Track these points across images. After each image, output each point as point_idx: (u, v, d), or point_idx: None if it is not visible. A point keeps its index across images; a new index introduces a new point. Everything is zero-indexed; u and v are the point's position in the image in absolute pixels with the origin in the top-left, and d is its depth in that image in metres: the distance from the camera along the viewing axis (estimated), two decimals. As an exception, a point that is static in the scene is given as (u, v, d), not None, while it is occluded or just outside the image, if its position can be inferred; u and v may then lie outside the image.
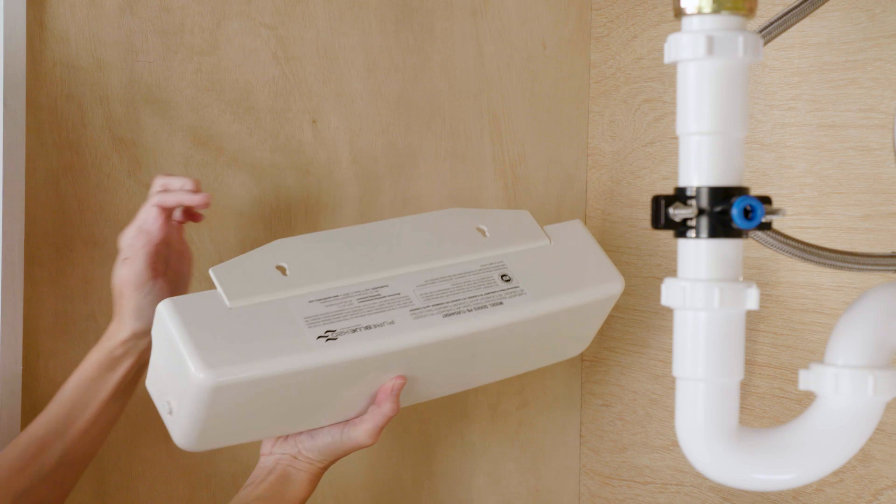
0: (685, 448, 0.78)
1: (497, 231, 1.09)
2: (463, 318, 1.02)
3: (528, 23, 1.34)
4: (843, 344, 0.79)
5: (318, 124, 1.23)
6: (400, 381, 1.01)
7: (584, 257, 1.12)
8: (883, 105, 1.01)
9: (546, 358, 1.18)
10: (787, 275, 1.11)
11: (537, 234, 1.10)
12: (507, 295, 1.05)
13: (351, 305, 0.99)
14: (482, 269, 1.06)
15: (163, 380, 0.97)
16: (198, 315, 0.93)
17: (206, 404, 0.93)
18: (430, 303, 1.02)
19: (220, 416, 0.95)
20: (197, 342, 0.91)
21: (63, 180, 1.11)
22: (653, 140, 1.29)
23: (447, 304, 1.02)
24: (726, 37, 0.74)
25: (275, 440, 1.04)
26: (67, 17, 1.10)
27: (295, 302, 0.97)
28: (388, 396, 1.00)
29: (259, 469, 1.03)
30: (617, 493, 1.36)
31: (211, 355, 0.91)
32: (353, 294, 1.00)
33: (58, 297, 1.11)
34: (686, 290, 0.75)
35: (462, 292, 1.04)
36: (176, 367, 0.93)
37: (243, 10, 1.18)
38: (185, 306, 0.93)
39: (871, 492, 1.04)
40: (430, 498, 1.33)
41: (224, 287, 0.95)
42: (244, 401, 0.95)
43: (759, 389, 1.14)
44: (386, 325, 0.99)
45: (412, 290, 1.02)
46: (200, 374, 0.90)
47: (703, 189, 0.75)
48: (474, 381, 1.15)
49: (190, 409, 0.94)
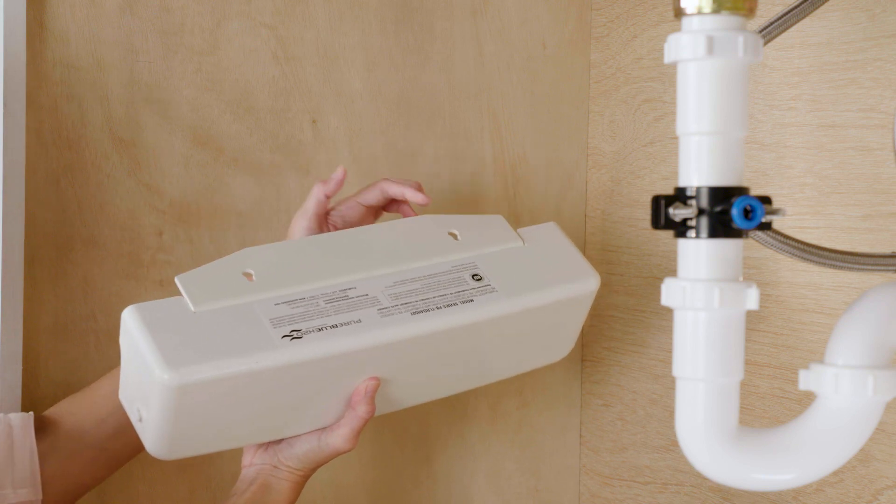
0: (685, 448, 0.78)
1: (469, 235, 1.08)
2: (432, 315, 1.00)
3: (528, 23, 1.34)
4: (843, 344, 0.79)
5: (318, 124, 1.23)
6: (373, 383, 0.99)
7: (558, 257, 1.11)
8: (883, 105, 1.01)
9: (528, 361, 1.15)
10: (787, 275, 1.11)
11: (510, 237, 1.09)
12: (477, 293, 1.03)
13: (317, 307, 0.98)
14: (453, 269, 1.05)
15: (132, 388, 0.96)
16: (162, 319, 0.92)
17: (173, 406, 0.91)
18: (399, 302, 1.01)
19: (189, 420, 0.94)
20: (160, 344, 0.91)
21: (63, 180, 1.11)
22: (653, 140, 1.29)
23: (416, 303, 1.01)
24: (726, 37, 0.74)
25: (255, 451, 1.03)
26: (67, 17, 1.10)
27: (260, 305, 0.96)
28: (363, 399, 0.99)
29: (240, 481, 1.02)
30: (617, 493, 1.36)
31: (174, 356, 0.90)
32: (319, 296, 0.98)
33: (58, 297, 1.11)
34: (686, 290, 0.75)
35: (431, 291, 1.02)
36: (142, 372, 0.92)
37: (243, 10, 1.18)
38: (148, 312, 0.93)
39: (871, 492, 1.04)
40: (430, 498, 1.33)
41: (189, 293, 0.94)
42: (212, 403, 0.94)
43: (760, 389, 1.14)
44: (353, 324, 0.97)
45: (380, 291, 1.01)
46: (165, 374, 0.89)
47: (704, 189, 0.75)
48: (454, 386, 1.13)
49: (157, 412, 0.92)
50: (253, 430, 1.00)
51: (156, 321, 0.92)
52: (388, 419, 1.23)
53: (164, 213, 1.15)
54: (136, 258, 1.14)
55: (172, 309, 0.93)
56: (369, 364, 0.99)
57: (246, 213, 1.19)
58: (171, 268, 1.15)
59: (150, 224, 1.15)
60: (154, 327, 0.92)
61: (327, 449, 1.00)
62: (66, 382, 1.12)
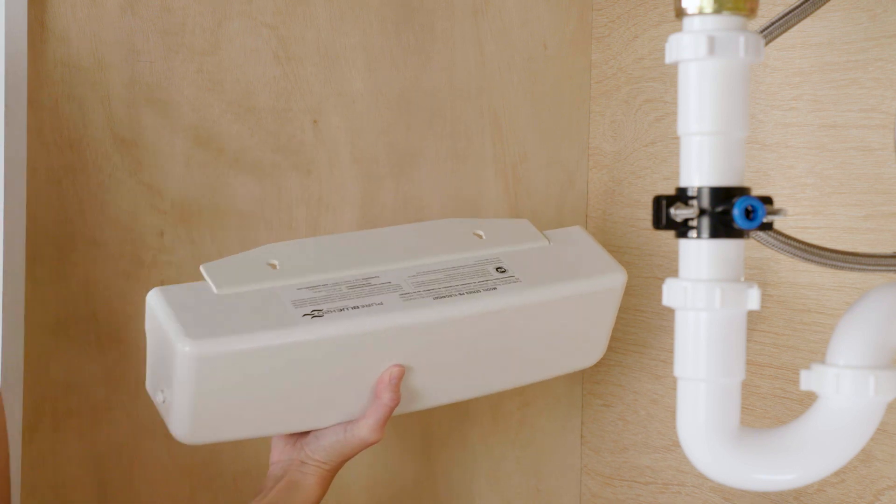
0: (686, 448, 0.78)
1: (494, 235, 1.09)
2: (455, 300, 1.02)
3: (529, 23, 1.34)
4: (844, 344, 0.79)
5: (319, 124, 1.23)
6: (397, 370, 1.00)
7: (583, 254, 1.12)
8: (884, 105, 1.01)
9: (558, 364, 1.15)
10: (788, 275, 1.11)
11: (536, 237, 1.10)
12: (501, 283, 1.04)
13: (340, 291, 1.00)
14: (477, 263, 1.06)
15: (157, 373, 0.98)
16: (185, 300, 0.95)
17: (194, 379, 0.93)
18: (422, 288, 1.02)
19: (211, 399, 0.95)
20: (182, 320, 0.93)
21: (64, 180, 1.11)
22: (654, 140, 1.29)
23: (439, 290, 1.02)
24: (727, 37, 0.74)
25: (282, 447, 1.03)
26: (69, 17, 1.10)
27: (283, 290, 0.98)
28: (387, 387, 0.99)
29: (267, 478, 1.02)
30: (618, 493, 1.36)
31: (195, 329, 0.93)
32: (342, 283, 1.00)
33: (59, 297, 1.11)
34: (687, 290, 0.75)
35: (455, 280, 1.03)
36: (164, 349, 0.94)
37: (244, 9, 1.18)
38: (172, 293, 0.96)
39: (872, 492, 1.04)
40: (431, 498, 1.33)
41: (212, 278, 0.97)
42: (233, 380, 0.95)
43: (761, 390, 1.14)
44: (375, 306, 0.99)
45: (403, 280, 1.02)
46: (186, 347, 0.91)
47: (705, 189, 0.75)
48: (483, 386, 1.12)
49: (180, 389, 0.94)
50: (277, 416, 1.01)
51: (179, 301, 0.95)
52: (390, 419, 1.23)
53: (166, 214, 1.15)
54: (138, 258, 1.14)
55: (196, 291, 0.97)
56: (392, 349, 1.00)
57: (247, 214, 1.19)
58: (172, 268, 1.15)
59: (151, 224, 1.15)
60: (177, 306, 0.94)
61: (353, 440, 1.00)
62: (68, 382, 1.12)
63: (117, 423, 1.14)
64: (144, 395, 1.04)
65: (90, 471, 1.13)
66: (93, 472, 1.13)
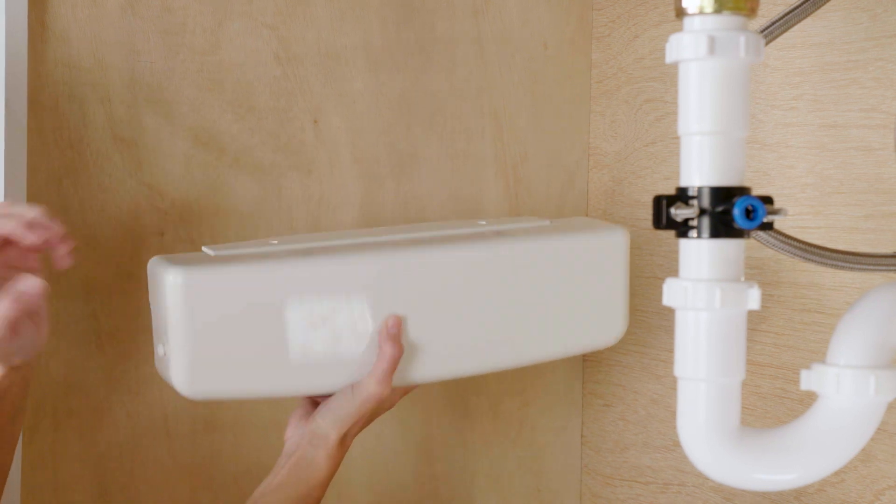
0: (687, 448, 0.78)
1: (496, 221, 1.14)
2: (442, 244, 1.05)
3: (529, 23, 1.34)
4: (844, 344, 0.79)
5: (320, 124, 1.23)
6: (393, 319, 1.01)
7: (585, 224, 1.16)
8: (884, 105, 1.01)
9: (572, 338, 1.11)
10: (788, 275, 1.11)
11: (538, 221, 1.15)
12: (493, 236, 1.07)
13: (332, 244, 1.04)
14: (476, 228, 1.10)
15: (158, 334, 1.00)
16: (182, 258, 1.00)
17: (184, 311, 0.95)
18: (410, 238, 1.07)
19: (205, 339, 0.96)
20: (176, 265, 0.97)
21: (64, 180, 1.11)
22: (654, 140, 1.29)
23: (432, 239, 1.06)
24: (728, 37, 0.74)
25: (296, 421, 1.03)
26: (69, 18, 1.10)
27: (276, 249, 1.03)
28: (387, 337, 1.01)
29: (281, 456, 1.03)
30: (618, 493, 1.36)
31: (186, 268, 0.96)
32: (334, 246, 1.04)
33: (59, 297, 1.11)
34: (688, 290, 0.75)
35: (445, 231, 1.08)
36: (160, 299, 0.97)
37: (245, 10, 1.18)
38: (170, 256, 1.01)
39: (872, 492, 1.04)
40: (432, 498, 1.33)
41: (212, 250, 1.02)
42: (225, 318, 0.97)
43: (761, 389, 1.14)
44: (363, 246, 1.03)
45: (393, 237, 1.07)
46: (177, 279, 0.95)
47: (705, 189, 0.75)
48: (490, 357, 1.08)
49: (174, 328, 0.95)
50: (279, 374, 1.01)
51: (176, 258, 1.00)
52: (390, 419, 1.23)
53: (166, 214, 1.15)
54: (138, 258, 1.14)
55: (193, 255, 1.02)
56: (385, 294, 1.01)
57: (247, 214, 1.19)
58: (172, 268, 1.15)
59: (151, 224, 1.15)
60: (173, 259, 0.99)
61: (361, 396, 1.00)
62: (68, 382, 1.12)
63: (117, 423, 1.14)
64: (144, 395, 1.04)
65: (90, 471, 1.13)
66: (93, 472, 1.13)
